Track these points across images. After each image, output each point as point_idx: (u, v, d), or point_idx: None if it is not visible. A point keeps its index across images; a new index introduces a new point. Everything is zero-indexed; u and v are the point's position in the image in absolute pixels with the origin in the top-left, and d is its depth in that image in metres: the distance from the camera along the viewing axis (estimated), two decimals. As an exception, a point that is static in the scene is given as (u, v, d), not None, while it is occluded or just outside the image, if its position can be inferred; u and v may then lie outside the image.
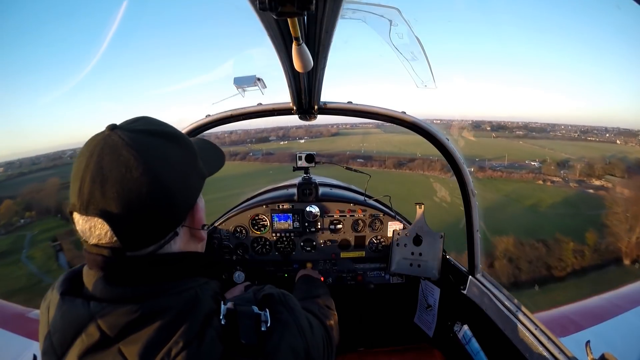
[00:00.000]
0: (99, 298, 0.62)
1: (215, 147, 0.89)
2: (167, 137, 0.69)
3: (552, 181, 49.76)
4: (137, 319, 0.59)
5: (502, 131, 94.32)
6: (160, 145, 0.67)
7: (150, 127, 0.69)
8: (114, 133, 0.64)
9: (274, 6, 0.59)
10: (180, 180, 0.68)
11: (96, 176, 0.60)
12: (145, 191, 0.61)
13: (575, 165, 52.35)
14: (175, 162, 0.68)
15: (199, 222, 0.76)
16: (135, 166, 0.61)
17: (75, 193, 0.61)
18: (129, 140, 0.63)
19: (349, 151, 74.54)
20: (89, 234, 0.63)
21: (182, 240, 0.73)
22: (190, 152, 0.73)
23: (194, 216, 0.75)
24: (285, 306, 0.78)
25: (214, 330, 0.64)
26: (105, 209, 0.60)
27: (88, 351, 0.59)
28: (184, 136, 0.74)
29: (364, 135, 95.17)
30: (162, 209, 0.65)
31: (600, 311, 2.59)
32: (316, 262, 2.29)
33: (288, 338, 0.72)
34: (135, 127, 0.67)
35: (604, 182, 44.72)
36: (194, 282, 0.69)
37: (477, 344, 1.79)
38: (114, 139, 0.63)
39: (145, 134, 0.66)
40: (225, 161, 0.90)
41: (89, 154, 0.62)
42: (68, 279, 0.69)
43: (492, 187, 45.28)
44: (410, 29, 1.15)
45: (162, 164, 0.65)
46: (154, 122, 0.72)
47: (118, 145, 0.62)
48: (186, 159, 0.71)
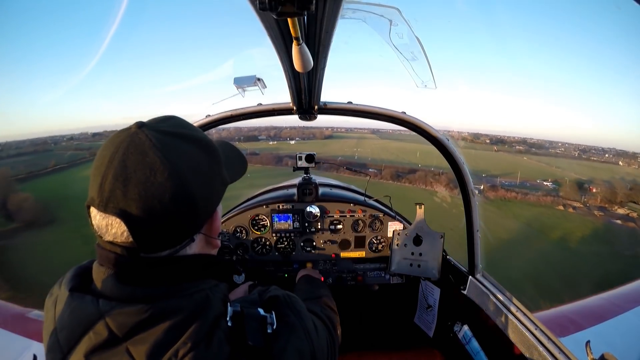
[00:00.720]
0: (109, 296, 0.61)
1: (239, 154, 0.87)
2: (195, 142, 0.67)
3: (574, 207, 45.85)
4: (147, 319, 0.59)
5: (501, 145, 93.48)
6: (188, 150, 0.65)
7: (178, 129, 0.67)
8: (141, 131, 0.62)
9: (274, 6, 0.59)
10: (204, 188, 0.66)
11: (119, 174, 0.59)
12: (168, 197, 0.60)
13: (592, 189, 48.70)
14: (201, 169, 0.66)
15: (216, 230, 0.76)
16: (161, 170, 0.60)
17: (96, 188, 0.60)
18: (156, 142, 0.61)
19: (340, 156, 71.98)
20: (105, 230, 0.62)
21: (198, 247, 0.72)
22: (217, 159, 0.71)
23: (212, 224, 0.74)
24: (291, 309, 0.77)
25: (222, 332, 0.64)
26: (125, 209, 0.58)
27: (95, 350, 0.58)
28: (212, 142, 0.72)
29: (359, 139, 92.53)
30: (182, 216, 0.63)
31: (600, 311, 2.58)
32: (316, 262, 2.29)
33: (294, 341, 0.72)
34: (163, 127, 0.65)
35: (629, 211, 42.20)
36: (205, 284, 0.68)
37: (477, 344, 1.79)
38: (141, 138, 0.61)
39: (173, 136, 0.64)
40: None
41: (114, 150, 0.60)
42: (77, 274, 0.68)
43: (508, 211, 40.70)
44: (410, 29, 1.15)
45: (188, 171, 0.63)
46: (183, 124, 0.70)
47: (145, 146, 0.60)
48: (212, 167, 0.70)
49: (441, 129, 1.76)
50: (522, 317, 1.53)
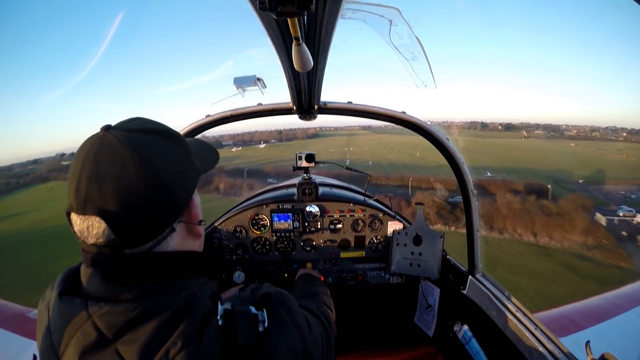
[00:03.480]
0: (96, 297, 0.62)
1: (208, 146, 0.90)
2: (161, 135, 0.70)
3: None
4: (134, 318, 0.59)
5: (515, 131, 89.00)
6: (155, 142, 0.67)
7: (144, 125, 0.70)
8: (109, 133, 0.64)
9: (274, 6, 0.59)
10: (176, 175, 0.68)
11: (93, 175, 0.61)
12: (143, 187, 0.62)
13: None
14: (170, 157, 0.68)
15: (195, 217, 0.77)
16: (132, 163, 0.62)
17: (72, 193, 0.62)
18: (124, 139, 0.63)
19: (326, 160, 61.40)
20: (87, 233, 0.63)
21: (180, 237, 0.73)
22: (184, 148, 0.74)
23: (190, 211, 0.75)
24: (282, 306, 0.78)
25: (212, 330, 0.64)
26: (102, 207, 0.60)
27: (85, 351, 0.58)
28: (178, 134, 0.75)
29: (350, 136, 77.73)
30: (159, 205, 0.65)
31: (600, 311, 2.58)
32: (316, 262, 2.29)
33: (286, 338, 0.72)
34: (129, 126, 0.68)
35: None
36: (192, 282, 0.69)
37: (477, 344, 1.79)
38: (110, 139, 0.63)
39: (139, 132, 0.67)
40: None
41: (85, 155, 0.63)
42: (66, 278, 0.70)
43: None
44: (410, 29, 1.15)
45: (158, 160, 0.65)
46: (147, 122, 0.73)
47: (114, 144, 0.62)
48: (181, 155, 0.72)
49: (448, 120, 1.70)
50: (522, 317, 1.53)
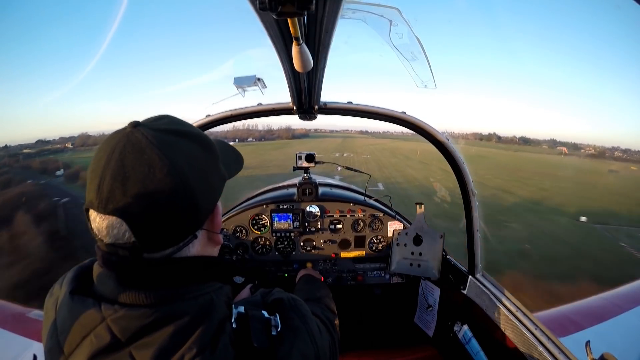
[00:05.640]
0: (111, 299, 0.60)
1: (234, 150, 0.87)
2: (191, 138, 0.67)
3: None
4: (151, 324, 0.58)
5: (534, 145, 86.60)
6: (185, 146, 0.64)
7: (174, 126, 0.67)
8: (137, 130, 0.61)
9: (274, 6, 0.59)
10: (203, 182, 0.65)
11: (117, 174, 0.58)
12: (169, 192, 0.59)
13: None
14: (199, 163, 0.66)
15: (217, 226, 0.75)
16: (160, 166, 0.59)
17: (94, 190, 0.59)
18: (153, 139, 0.60)
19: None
20: (105, 232, 0.60)
21: (200, 244, 0.71)
22: (213, 154, 0.71)
23: (213, 219, 0.73)
24: (296, 312, 0.77)
25: (227, 335, 0.63)
26: (125, 208, 0.58)
27: (97, 354, 0.57)
28: (208, 138, 0.72)
29: (344, 139, 69.16)
30: (184, 211, 0.62)
31: (600, 311, 2.58)
32: (316, 262, 2.29)
33: (300, 345, 0.72)
34: (158, 125, 0.65)
35: None
36: (209, 287, 0.68)
37: (477, 344, 1.79)
38: (137, 137, 0.60)
39: (169, 133, 0.64)
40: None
41: (110, 151, 0.60)
42: (77, 275, 0.68)
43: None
44: (410, 29, 1.15)
45: (187, 166, 0.62)
46: (177, 122, 0.70)
47: (141, 144, 0.60)
48: (209, 161, 0.69)
49: (455, 132, 1.71)
50: (522, 317, 1.53)
